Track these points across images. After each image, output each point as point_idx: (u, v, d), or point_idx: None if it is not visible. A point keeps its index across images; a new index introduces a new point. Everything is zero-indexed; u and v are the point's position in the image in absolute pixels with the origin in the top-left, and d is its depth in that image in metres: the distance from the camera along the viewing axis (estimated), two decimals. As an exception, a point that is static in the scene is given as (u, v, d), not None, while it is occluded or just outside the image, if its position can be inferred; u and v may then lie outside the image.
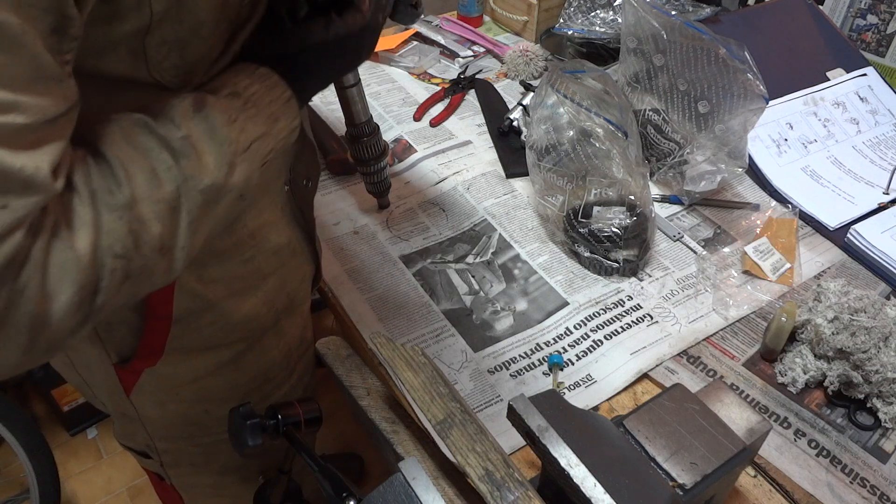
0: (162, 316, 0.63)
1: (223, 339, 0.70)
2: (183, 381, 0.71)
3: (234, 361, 0.72)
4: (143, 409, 0.73)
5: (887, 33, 1.25)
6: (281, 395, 0.81)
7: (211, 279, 0.64)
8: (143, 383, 0.69)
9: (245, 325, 0.70)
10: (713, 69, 0.90)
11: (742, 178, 1.05)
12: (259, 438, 0.67)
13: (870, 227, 0.94)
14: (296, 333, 0.80)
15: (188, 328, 0.66)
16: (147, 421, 0.75)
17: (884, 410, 0.72)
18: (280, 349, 0.78)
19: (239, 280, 0.67)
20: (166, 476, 0.85)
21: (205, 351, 0.69)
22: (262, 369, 0.76)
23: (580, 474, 0.51)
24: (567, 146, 0.88)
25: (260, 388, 0.77)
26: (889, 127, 1.15)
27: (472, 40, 1.37)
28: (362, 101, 0.82)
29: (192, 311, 0.65)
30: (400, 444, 0.71)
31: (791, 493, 0.67)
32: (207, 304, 0.65)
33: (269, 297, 0.72)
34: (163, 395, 0.72)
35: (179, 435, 0.77)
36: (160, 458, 0.81)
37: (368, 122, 0.85)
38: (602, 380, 0.77)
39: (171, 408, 0.73)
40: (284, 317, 0.76)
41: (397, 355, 0.68)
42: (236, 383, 0.74)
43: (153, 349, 0.66)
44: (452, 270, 0.90)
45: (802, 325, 0.78)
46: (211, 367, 0.71)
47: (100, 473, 1.70)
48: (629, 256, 0.87)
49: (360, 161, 0.89)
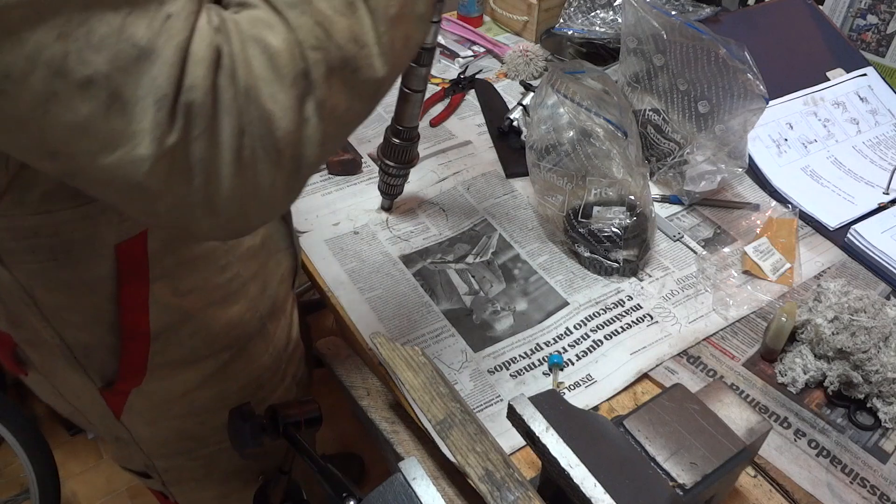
0: (138, 334, 0.62)
1: (206, 350, 0.68)
2: (172, 396, 0.69)
3: (222, 371, 0.71)
4: (135, 430, 0.72)
5: (887, 33, 1.25)
6: (275, 398, 0.80)
7: (187, 290, 0.62)
8: (132, 404, 0.68)
9: (228, 334, 0.69)
10: (713, 69, 0.90)
11: (742, 178, 1.05)
12: (259, 439, 0.67)
13: (870, 227, 0.94)
14: (282, 335, 0.79)
15: (169, 343, 0.64)
16: (142, 441, 0.74)
17: (884, 410, 0.72)
18: (269, 354, 0.76)
19: (217, 289, 0.65)
20: (170, 494, 0.83)
21: (190, 364, 0.68)
22: (252, 376, 0.75)
23: (580, 474, 0.51)
24: (567, 146, 0.88)
25: (254, 394, 0.76)
26: (889, 127, 1.15)
27: (472, 40, 1.37)
28: (417, 108, 0.85)
29: (170, 325, 0.63)
30: (400, 444, 0.71)
31: (791, 493, 0.67)
32: (185, 316, 0.64)
33: (252, 303, 0.70)
34: (154, 414, 0.70)
35: (177, 451, 0.76)
36: (161, 477, 0.80)
37: (412, 130, 0.86)
38: (602, 380, 0.77)
39: (164, 425, 0.72)
40: (269, 320, 0.74)
41: (397, 355, 0.68)
42: (227, 392, 0.73)
43: (135, 369, 0.64)
44: (452, 270, 0.90)
45: (802, 325, 0.78)
46: (199, 380, 0.69)
47: (100, 473, 1.70)
48: (629, 256, 0.87)
49: (386, 158, 0.89)
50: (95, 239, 0.54)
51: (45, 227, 0.52)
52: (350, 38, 0.41)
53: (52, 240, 0.53)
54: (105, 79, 0.34)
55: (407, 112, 0.84)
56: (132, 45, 0.34)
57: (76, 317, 0.59)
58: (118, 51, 0.34)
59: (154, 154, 0.36)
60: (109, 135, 0.36)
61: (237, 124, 0.38)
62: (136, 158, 0.36)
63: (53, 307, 0.58)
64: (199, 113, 0.37)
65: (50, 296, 0.57)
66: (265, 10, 0.40)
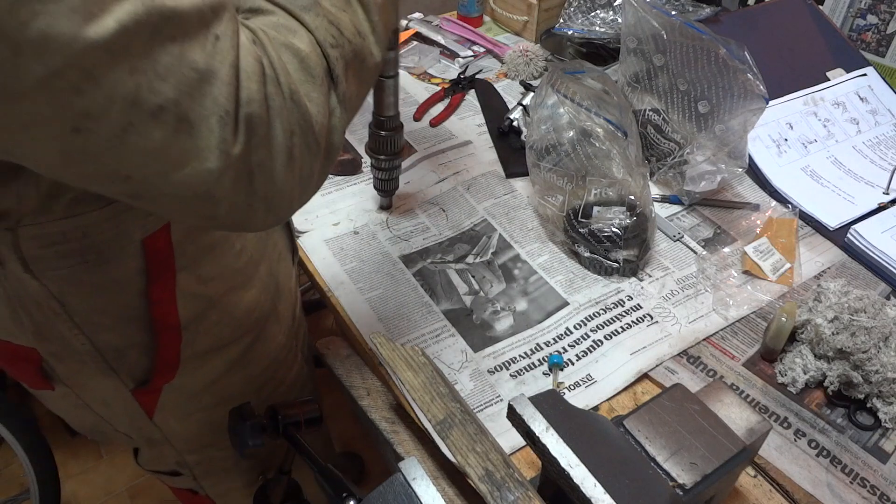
0: (170, 326, 0.63)
1: (231, 335, 0.70)
2: (201, 387, 0.71)
3: (246, 355, 0.73)
4: (167, 427, 0.73)
5: (887, 33, 1.25)
6: (292, 377, 0.83)
7: (209, 277, 0.64)
8: (164, 401, 0.69)
9: (248, 317, 0.71)
10: (713, 69, 0.90)
11: (742, 178, 1.05)
12: (259, 438, 0.67)
13: (870, 227, 0.94)
14: (289, 314, 0.81)
15: (197, 332, 0.66)
16: (174, 438, 0.75)
17: (884, 410, 0.72)
18: (283, 333, 0.79)
19: (236, 274, 0.67)
20: (200, 488, 0.85)
21: (217, 351, 0.70)
22: (271, 357, 0.78)
23: (580, 474, 0.51)
24: (567, 146, 0.88)
25: (274, 375, 0.79)
26: (889, 127, 1.15)
27: (472, 40, 1.37)
28: (395, 95, 0.84)
29: (197, 314, 0.65)
30: (400, 444, 0.71)
31: (791, 494, 0.67)
32: (210, 303, 0.65)
33: (263, 284, 0.72)
34: (185, 408, 0.72)
35: (208, 443, 0.78)
36: (192, 471, 0.82)
37: (393, 118, 0.86)
38: (602, 380, 0.77)
39: (194, 418, 0.74)
40: (278, 300, 0.77)
41: (397, 355, 0.68)
42: (251, 376, 0.75)
43: (170, 363, 0.66)
44: (452, 270, 0.90)
45: (802, 325, 0.78)
46: (225, 367, 0.71)
47: (100, 473, 1.70)
48: (629, 256, 0.87)
49: (374, 153, 0.89)
50: (123, 236, 0.55)
51: (73, 231, 0.52)
52: (355, 32, 0.46)
53: (81, 242, 0.53)
54: (173, 104, 0.37)
55: (385, 100, 0.84)
56: (193, 70, 0.37)
57: (107, 319, 0.60)
58: (181, 77, 0.37)
59: (222, 166, 0.40)
60: (179, 154, 0.38)
61: (287, 126, 0.42)
62: (205, 172, 0.39)
63: (84, 312, 0.58)
64: (258, 123, 0.40)
65: (81, 301, 0.57)
66: (284, 16, 0.44)
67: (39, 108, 0.34)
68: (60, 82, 0.33)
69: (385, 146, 0.88)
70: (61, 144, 0.36)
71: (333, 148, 0.48)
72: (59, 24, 0.32)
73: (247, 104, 0.39)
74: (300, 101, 0.43)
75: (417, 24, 1.40)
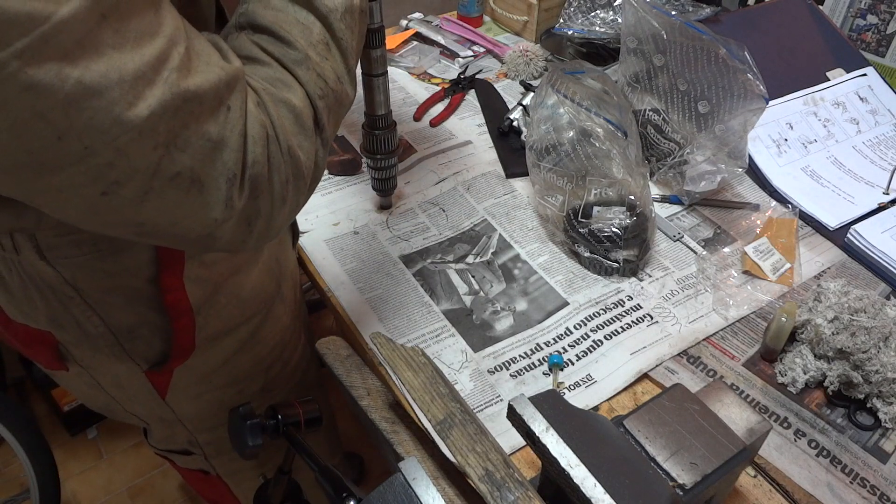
0: (183, 311, 0.65)
1: (240, 316, 0.73)
2: (213, 367, 0.73)
3: (254, 336, 0.76)
4: (179, 407, 0.76)
5: (887, 33, 1.25)
6: (297, 357, 0.86)
7: (212, 261, 0.66)
8: (177, 382, 0.72)
9: (255, 299, 0.74)
10: (713, 69, 0.90)
11: (742, 178, 1.05)
12: (259, 438, 0.67)
13: (870, 227, 0.94)
14: (291, 296, 0.84)
15: (209, 315, 0.68)
16: (185, 418, 0.78)
17: (884, 410, 0.72)
18: (288, 314, 0.82)
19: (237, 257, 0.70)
20: (211, 468, 0.88)
21: (228, 333, 0.72)
22: (278, 337, 0.80)
23: (580, 474, 0.51)
24: (567, 146, 0.88)
25: (280, 356, 0.82)
26: (889, 127, 1.15)
27: (472, 40, 1.37)
28: (385, 93, 0.84)
29: (206, 298, 0.67)
30: (400, 444, 0.71)
31: (791, 494, 0.67)
32: (217, 287, 0.68)
33: (266, 266, 0.75)
34: (197, 388, 0.75)
35: (219, 423, 0.80)
36: (203, 451, 0.84)
37: (386, 116, 0.86)
38: (602, 380, 0.77)
39: (206, 398, 0.76)
40: (283, 282, 0.80)
41: (397, 355, 0.68)
42: (260, 356, 0.78)
43: (186, 346, 0.68)
44: (452, 270, 0.90)
45: (802, 325, 0.78)
46: (236, 347, 0.74)
47: (100, 473, 1.70)
48: (629, 256, 0.87)
49: (369, 153, 0.89)
50: None
51: None
52: (336, 79, 0.52)
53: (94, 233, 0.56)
54: (189, 170, 0.42)
55: (376, 99, 0.84)
56: (208, 140, 0.42)
57: (119, 298, 0.63)
58: (198, 147, 0.42)
59: (225, 217, 0.45)
60: (189, 208, 0.44)
61: (283, 177, 0.48)
62: (210, 220, 0.45)
63: (97, 293, 0.61)
64: (260, 181, 0.46)
65: (93, 283, 0.60)
66: (279, 70, 0.49)
67: (74, 179, 0.38)
68: (96, 159, 0.38)
69: (380, 145, 0.88)
70: (88, 204, 0.41)
71: (316, 179, 0.54)
72: (100, 116, 0.36)
73: (252, 166, 0.45)
74: (294, 153, 0.48)
75: (417, 24, 1.40)
